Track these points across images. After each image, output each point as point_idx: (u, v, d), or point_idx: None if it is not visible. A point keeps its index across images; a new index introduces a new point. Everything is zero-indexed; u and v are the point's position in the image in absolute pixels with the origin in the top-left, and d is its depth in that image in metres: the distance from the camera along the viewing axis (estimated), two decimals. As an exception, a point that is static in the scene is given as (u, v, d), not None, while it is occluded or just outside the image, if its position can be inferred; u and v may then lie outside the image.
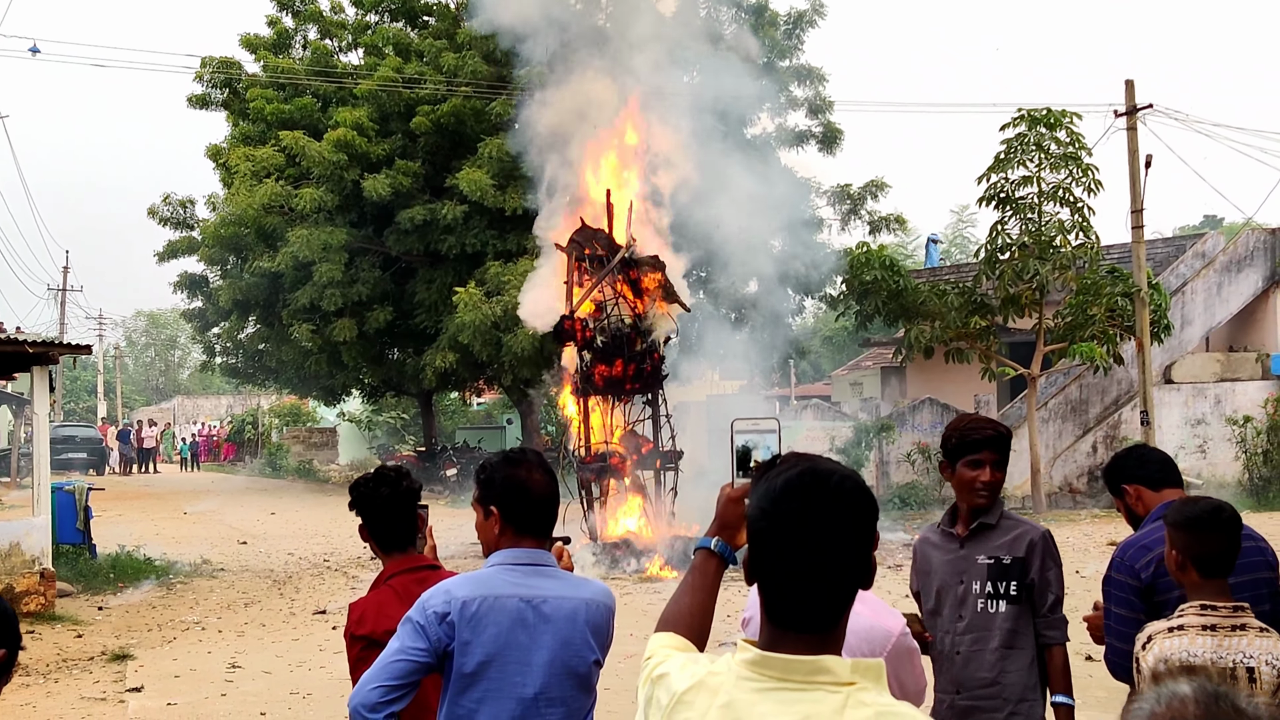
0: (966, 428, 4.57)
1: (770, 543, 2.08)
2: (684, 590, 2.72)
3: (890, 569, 17.01)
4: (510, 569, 3.46)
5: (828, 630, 2.07)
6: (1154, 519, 4.42)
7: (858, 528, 2.07)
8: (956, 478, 4.55)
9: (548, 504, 3.53)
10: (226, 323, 36.02)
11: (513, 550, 3.49)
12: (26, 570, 14.28)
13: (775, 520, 2.08)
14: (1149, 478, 4.58)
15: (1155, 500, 4.50)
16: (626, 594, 15.06)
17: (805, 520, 2.05)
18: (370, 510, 4.26)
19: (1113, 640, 4.37)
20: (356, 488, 4.32)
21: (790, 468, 2.12)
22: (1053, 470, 25.80)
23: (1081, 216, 23.00)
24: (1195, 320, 27.79)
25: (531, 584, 3.44)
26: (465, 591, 3.42)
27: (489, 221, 27.65)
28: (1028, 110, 23.18)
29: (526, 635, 3.39)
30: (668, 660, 2.32)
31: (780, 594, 2.07)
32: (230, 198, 30.42)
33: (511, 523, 3.51)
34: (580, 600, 3.46)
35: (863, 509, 2.09)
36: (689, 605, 2.67)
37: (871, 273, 23.57)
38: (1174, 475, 4.61)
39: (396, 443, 45.83)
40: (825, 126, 30.62)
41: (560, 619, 3.42)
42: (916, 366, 29.48)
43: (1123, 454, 4.82)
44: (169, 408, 73.21)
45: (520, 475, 3.53)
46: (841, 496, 2.07)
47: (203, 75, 33.21)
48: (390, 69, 29.51)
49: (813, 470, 2.11)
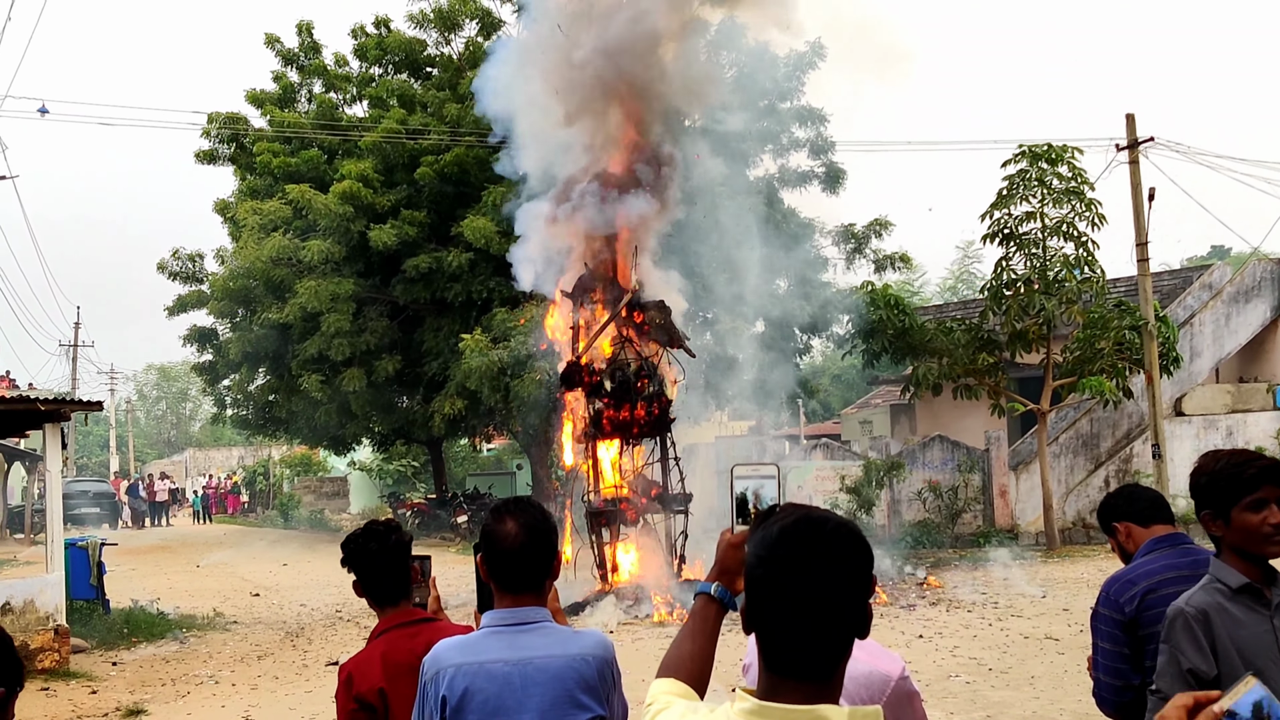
0: (1233, 464, 3.72)
1: (767, 589, 2.10)
2: (684, 636, 2.73)
3: (903, 609, 16.96)
4: (498, 632, 3.45)
5: (825, 679, 2.09)
6: (1143, 554, 4.45)
7: (854, 574, 2.09)
8: (1235, 527, 3.68)
9: (518, 555, 3.46)
10: (236, 375, 36.11)
11: (500, 611, 3.48)
12: (41, 627, 14.29)
13: (771, 567, 2.10)
14: (1138, 514, 4.62)
15: (1144, 536, 4.54)
16: (638, 639, 15.02)
17: (801, 567, 2.07)
18: (361, 566, 4.25)
19: (1100, 675, 4.39)
20: (347, 544, 4.30)
21: (787, 516, 2.16)
22: (1065, 505, 25.72)
23: (1086, 251, 23.05)
24: (1204, 352, 27.77)
25: (519, 644, 3.42)
26: (454, 658, 3.43)
27: (494, 268, 27.75)
28: (1029, 146, 23.30)
29: (514, 699, 3.38)
30: (669, 709, 2.34)
31: (777, 641, 2.09)
32: (238, 251, 30.60)
33: (493, 576, 3.50)
34: (568, 657, 3.43)
35: (858, 556, 2.11)
36: (689, 651, 2.69)
37: (877, 311, 23.60)
38: (1164, 512, 4.64)
39: (407, 490, 45.80)
40: (828, 166, 30.71)
41: (548, 678, 3.39)
42: (925, 404, 29.47)
43: (1113, 494, 4.87)
44: (181, 460, 73.32)
45: (493, 526, 3.52)
46: (837, 543, 2.10)
47: (210, 131, 33.50)
48: (394, 120, 29.72)
49: (808, 518, 2.14)
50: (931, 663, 12.64)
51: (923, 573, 20.59)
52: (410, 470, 48.23)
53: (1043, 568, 21.14)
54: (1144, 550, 4.47)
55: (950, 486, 25.47)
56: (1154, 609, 4.21)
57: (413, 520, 37.01)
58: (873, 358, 24.90)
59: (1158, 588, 4.28)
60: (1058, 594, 17.93)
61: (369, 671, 4.00)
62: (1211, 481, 3.73)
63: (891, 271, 31.32)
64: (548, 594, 3.60)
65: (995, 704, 10.79)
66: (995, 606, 16.99)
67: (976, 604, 17.28)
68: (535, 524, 3.53)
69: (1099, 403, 23.54)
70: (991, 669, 12.49)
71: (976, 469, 25.95)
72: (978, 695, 11.17)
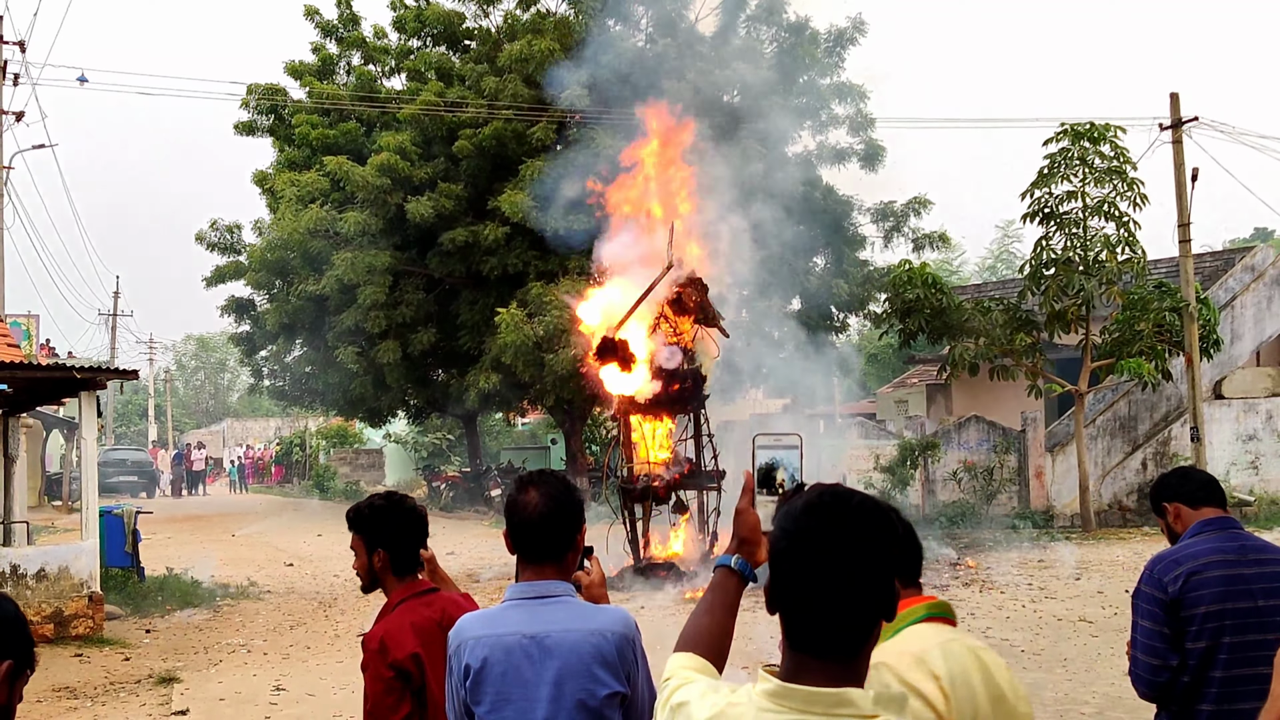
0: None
1: (790, 563, 2.07)
2: (703, 609, 2.67)
3: (935, 589, 16.88)
4: (519, 604, 3.46)
5: (849, 659, 2.04)
6: (1190, 535, 4.38)
7: (879, 549, 2.05)
8: None
9: (538, 526, 3.47)
10: (274, 346, 36.36)
11: (522, 584, 3.49)
12: (75, 594, 14.42)
13: (795, 540, 2.06)
14: (1190, 495, 4.54)
15: (1193, 518, 4.48)
16: (670, 616, 15.00)
17: (826, 538, 2.04)
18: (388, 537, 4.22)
19: (1137, 654, 4.33)
20: (373, 514, 4.27)
21: (813, 492, 2.12)
22: (1102, 488, 25.51)
23: (1127, 231, 22.79)
24: (1245, 335, 27.44)
25: (538, 617, 3.42)
26: (475, 630, 3.46)
27: (530, 243, 27.75)
28: (1071, 125, 23.02)
29: (532, 671, 3.38)
30: (687, 686, 2.29)
31: (801, 617, 2.05)
32: (276, 222, 30.75)
33: (516, 547, 3.52)
34: (586, 631, 3.40)
35: (884, 531, 2.07)
36: (708, 625, 2.63)
37: (914, 290, 23.43)
38: (1216, 495, 4.56)
39: (442, 463, 46.01)
40: (867, 143, 30.49)
41: (564, 652, 3.38)
42: (962, 384, 29.27)
43: (1167, 474, 4.81)
44: (219, 430, 73.93)
45: (515, 496, 3.52)
46: (863, 519, 2.06)
47: (248, 102, 33.66)
48: (432, 93, 29.71)
49: (834, 493, 2.10)
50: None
51: (956, 554, 20.48)
52: (445, 443, 48.45)
53: (1078, 550, 20.99)
54: (1192, 532, 4.42)
55: (986, 467, 25.30)
56: (1197, 590, 4.18)
57: (447, 493, 37.18)
58: (909, 337, 24.72)
59: (1202, 570, 4.23)
60: (1092, 576, 17.81)
61: (403, 639, 3.99)
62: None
63: (930, 250, 31.12)
64: (572, 567, 3.59)
65: (1028, 685, 10.65)
66: (1029, 588, 16.89)
67: (1010, 585, 17.17)
68: (557, 495, 3.52)
69: (1137, 385, 23.30)
70: (1024, 650, 12.41)
71: (1012, 450, 25.77)
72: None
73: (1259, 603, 4.19)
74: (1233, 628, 4.17)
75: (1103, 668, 11.16)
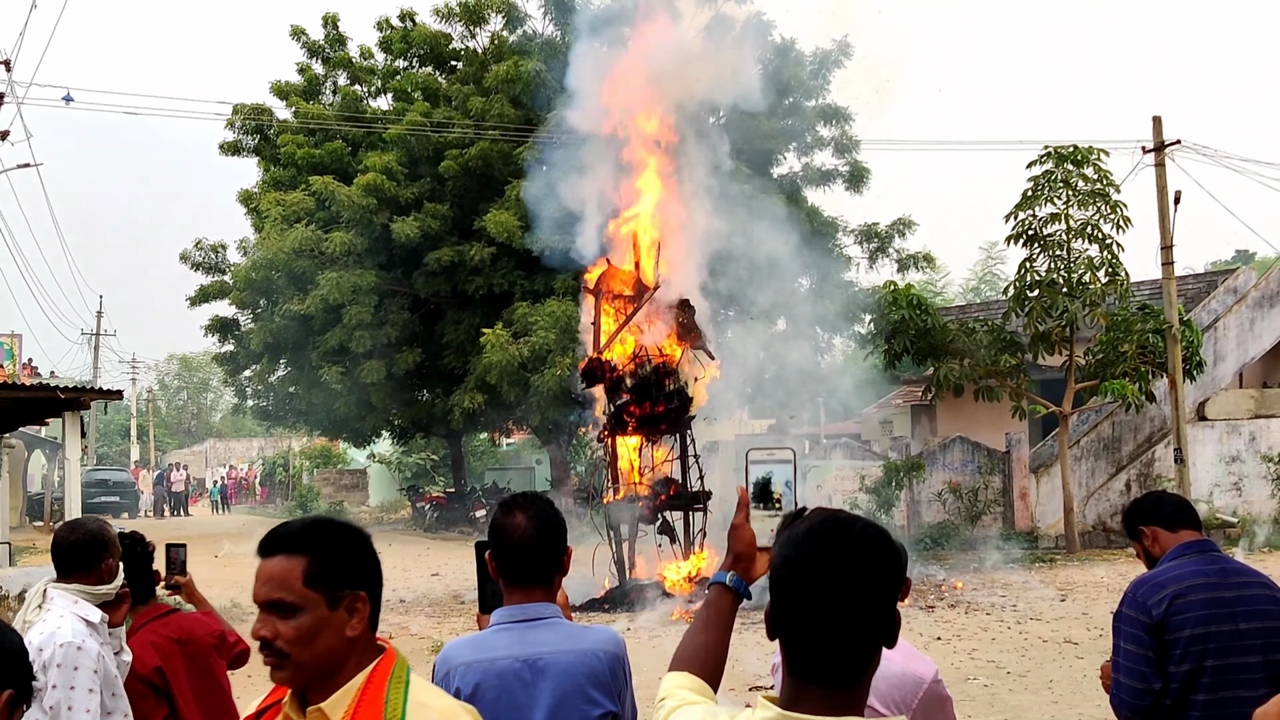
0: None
1: (792, 590, 2.05)
2: (698, 627, 2.65)
3: (921, 610, 16.88)
4: (507, 628, 3.42)
5: (850, 686, 2.03)
6: (1170, 559, 4.39)
7: (881, 579, 2.03)
8: None
9: (526, 548, 3.43)
10: (257, 366, 36.21)
11: (510, 608, 3.45)
12: (57, 615, 14.30)
13: (797, 567, 2.05)
14: (1166, 519, 4.55)
15: (1171, 541, 4.48)
16: (655, 636, 14.96)
17: (826, 568, 2.02)
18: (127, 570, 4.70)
19: (1120, 677, 4.32)
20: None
21: (814, 517, 2.11)
22: (1086, 509, 25.56)
23: (1111, 253, 22.90)
24: (1228, 356, 27.56)
25: (529, 640, 3.38)
26: (462, 656, 3.41)
27: (516, 262, 27.75)
28: (1055, 147, 23.15)
29: (525, 695, 3.34)
30: (684, 709, 2.28)
31: (801, 645, 2.03)
32: (261, 242, 30.71)
33: (503, 571, 3.47)
34: (579, 652, 3.38)
35: (886, 560, 2.05)
36: (704, 643, 2.61)
37: (899, 311, 23.49)
38: (1191, 518, 4.57)
39: (426, 484, 45.85)
40: (852, 165, 30.61)
41: (557, 674, 3.35)
42: (947, 405, 29.34)
43: (1140, 499, 4.81)
44: (201, 450, 73.58)
45: (501, 519, 3.48)
46: (865, 546, 2.04)
47: (234, 122, 33.62)
48: (419, 113, 29.76)
49: (835, 519, 2.09)
50: (950, 665, 12.56)
51: (942, 574, 20.49)
52: (429, 463, 48.29)
53: (1062, 571, 21.01)
54: (1171, 555, 4.42)
55: (970, 488, 25.33)
56: (1182, 614, 4.19)
57: (431, 514, 37.03)
58: (894, 358, 24.76)
59: (1186, 593, 4.23)
60: (1077, 598, 17.82)
61: (144, 657, 4.65)
62: None
63: (914, 271, 31.22)
64: (557, 589, 3.56)
65: (1013, 707, 10.72)
66: (1014, 609, 16.89)
67: (995, 606, 17.18)
68: (544, 517, 3.49)
69: (1121, 406, 23.38)
70: (1010, 672, 12.41)
71: (997, 471, 25.81)
72: (996, 698, 11.11)
73: (1240, 625, 4.20)
74: (1216, 650, 4.17)
75: (1088, 689, 11.15)
